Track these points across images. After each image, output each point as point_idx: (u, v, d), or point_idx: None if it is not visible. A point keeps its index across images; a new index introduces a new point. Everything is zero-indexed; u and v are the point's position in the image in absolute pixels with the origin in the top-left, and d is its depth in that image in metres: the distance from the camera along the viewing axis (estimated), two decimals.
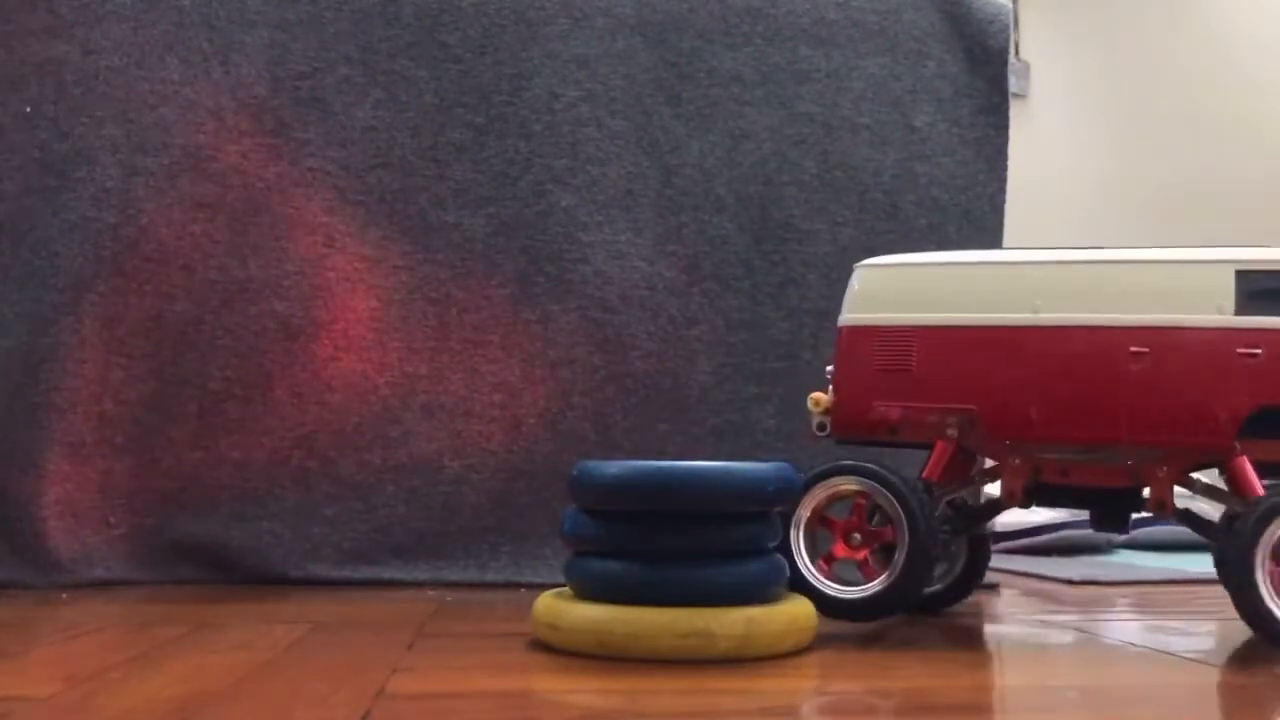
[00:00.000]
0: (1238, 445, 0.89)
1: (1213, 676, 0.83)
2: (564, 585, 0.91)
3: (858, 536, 0.94)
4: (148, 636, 0.88)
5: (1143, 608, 1.22)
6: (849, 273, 1.00)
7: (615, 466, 0.87)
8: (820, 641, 0.89)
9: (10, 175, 1.25)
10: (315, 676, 0.74)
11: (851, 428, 1.00)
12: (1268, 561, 0.85)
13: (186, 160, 1.28)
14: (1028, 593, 1.37)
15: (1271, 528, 0.85)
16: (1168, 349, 0.88)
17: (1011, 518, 1.89)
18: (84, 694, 0.67)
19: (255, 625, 0.96)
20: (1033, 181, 1.84)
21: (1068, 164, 3.05)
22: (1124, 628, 1.09)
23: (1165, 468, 0.91)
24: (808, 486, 0.95)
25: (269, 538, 1.26)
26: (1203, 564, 1.65)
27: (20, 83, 1.26)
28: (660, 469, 0.85)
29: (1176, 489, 0.94)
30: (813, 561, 0.94)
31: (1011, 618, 1.14)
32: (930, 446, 0.98)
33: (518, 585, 1.25)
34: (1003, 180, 1.46)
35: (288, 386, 1.29)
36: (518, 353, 1.33)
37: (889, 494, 0.92)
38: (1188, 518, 0.97)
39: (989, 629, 1.10)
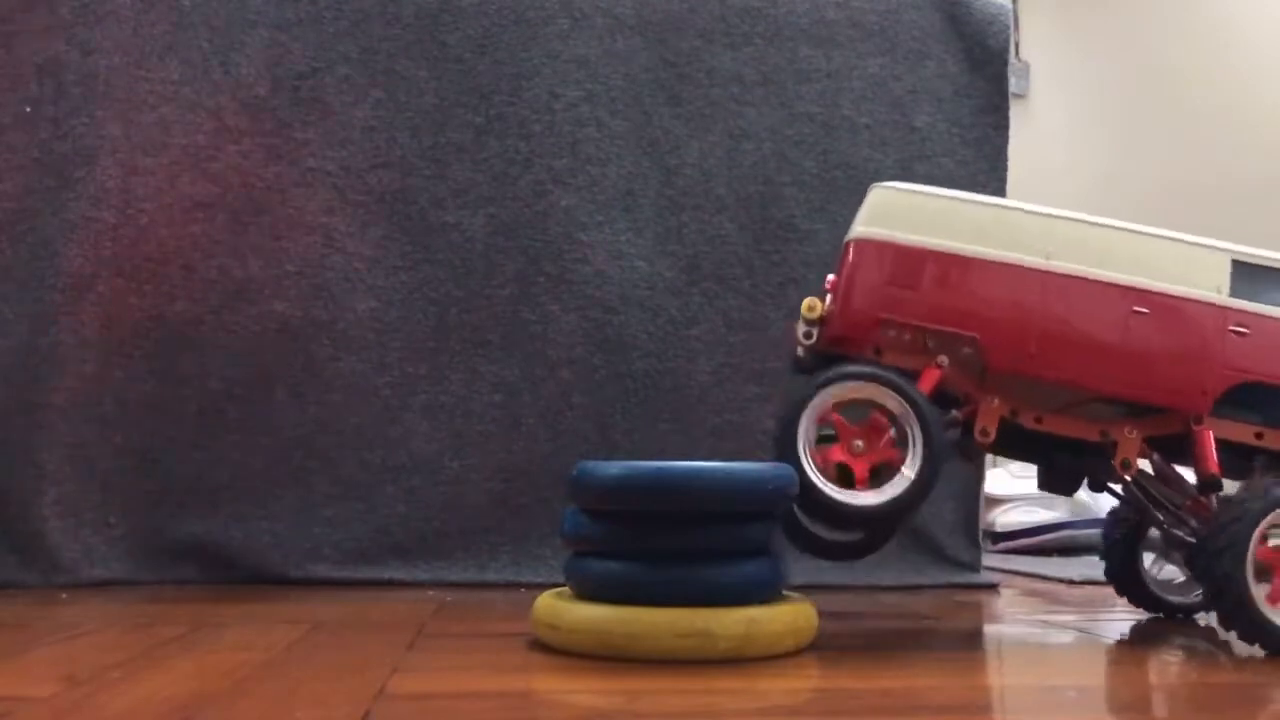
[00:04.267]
0: (1204, 416, 0.94)
1: (1213, 676, 0.83)
2: (564, 585, 0.91)
3: (860, 444, 0.92)
4: (148, 636, 0.88)
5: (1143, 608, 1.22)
6: None
7: (615, 466, 0.87)
8: (820, 641, 0.89)
9: (10, 175, 1.25)
10: (315, 676, 0.74)
11: (843, 340, 0.99)
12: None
13: (186, 160, 1.28)
14: (1028, 593, 1.37)
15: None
16: (1167, 313, 0.95)
17: (1012, 518, 1.89)
18: (84, 694, 0.67)
19: (255, 625, 0.96)
20: (1033, 181, 1.84)
21: (1067, 164, 3.05)
22: (1124, 628, 1.09)
23: (1135, 430, 0.96)
24: (823, 386, 0.91)
25: (269, 538, 1.26)
26: None
27: (20, 83, 1.26)
28: (660, 469, 0.85)
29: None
30: (812, 460, 0.90)
31: (1011, 618, 1.14)
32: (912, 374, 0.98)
33: (518, 585, 1.25)
34: (1003, 180, 1.46)
35: (288, 386, 1.29)
36: (518, 353, 1.33)
37: (909, 408, 0.90)
38: (1142, 484, 1.01)
39: (989, 629, 1.10)
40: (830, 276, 1.02)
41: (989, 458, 1.50)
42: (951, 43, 1.47)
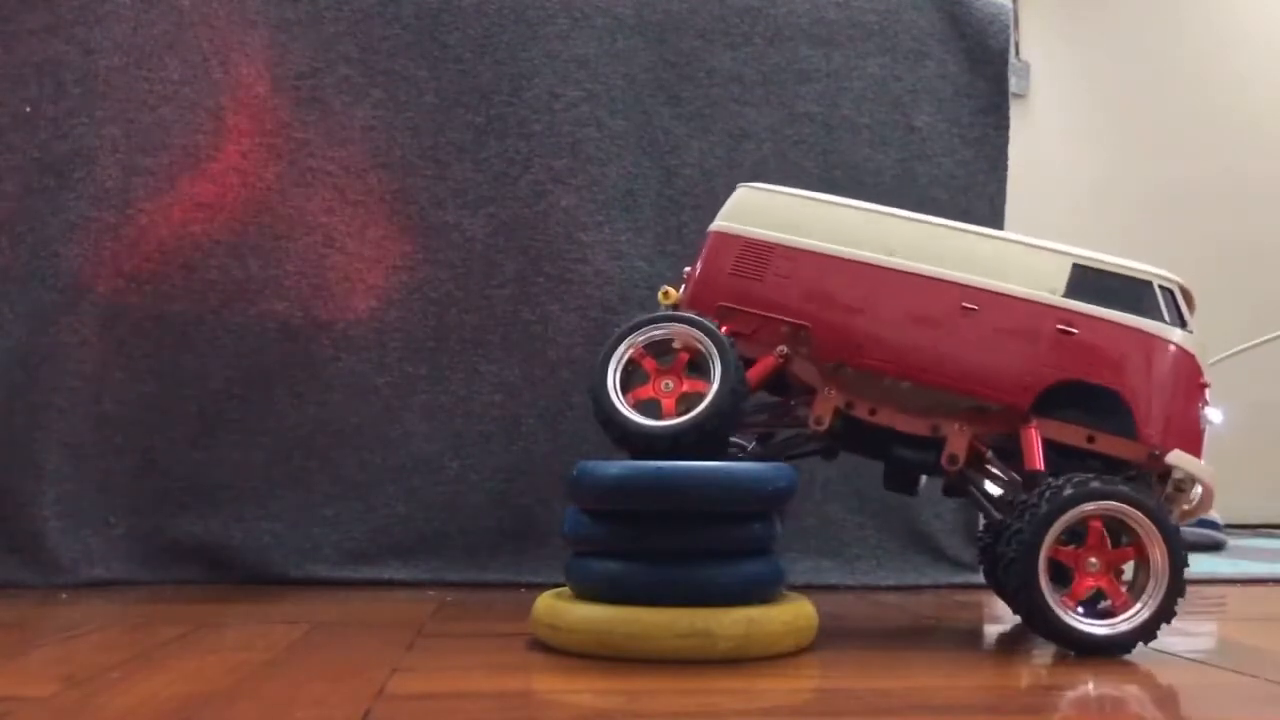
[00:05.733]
0: (1033, 416, 0.95)
1: (1213, 676, 0.83)
2: (564, 585, 0.91)
3: (670, 384, 0.95)
4: (148, 636, 0.88)
5: None
6: None
7: (615, 466, 0.87)
8: (820, 641, 0.89)
9: (10, 175, 1.25)
10: (315, 676, 0.74)
11: None
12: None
13: (186, 160, 1.28)
14: None
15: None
16: (994, 309, 0.97)
17: None
18: (84, 694, 0.67)
19: (255, 625, 0.96)
20: (1032, 181, 1.84)
21: (1067, 164, 3.05)
22: None
23: (964, 424, 0.98)
24: (631, 330, 0.97)
25: (269, 538, 1.26)
26: (1199, 565, 1.65)
27: (20, 83, 1.26)
28: (660, 469, 0.85)
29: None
30: (623, 396, 0.94)
31: (1011, 618, 1.14)
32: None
33: (518, 585, 1.25)
34: (1003, 180, 1.46)
35: (288, 386, 1.29)
36: (518, 353, 1.33)
37: (707, 338, 0.95)
38: (971, 480, 1.03)
39: (989, 629, 1.10)
40: (687, 268, 1.07)
41: None
42: (951, 43, 1.47)
